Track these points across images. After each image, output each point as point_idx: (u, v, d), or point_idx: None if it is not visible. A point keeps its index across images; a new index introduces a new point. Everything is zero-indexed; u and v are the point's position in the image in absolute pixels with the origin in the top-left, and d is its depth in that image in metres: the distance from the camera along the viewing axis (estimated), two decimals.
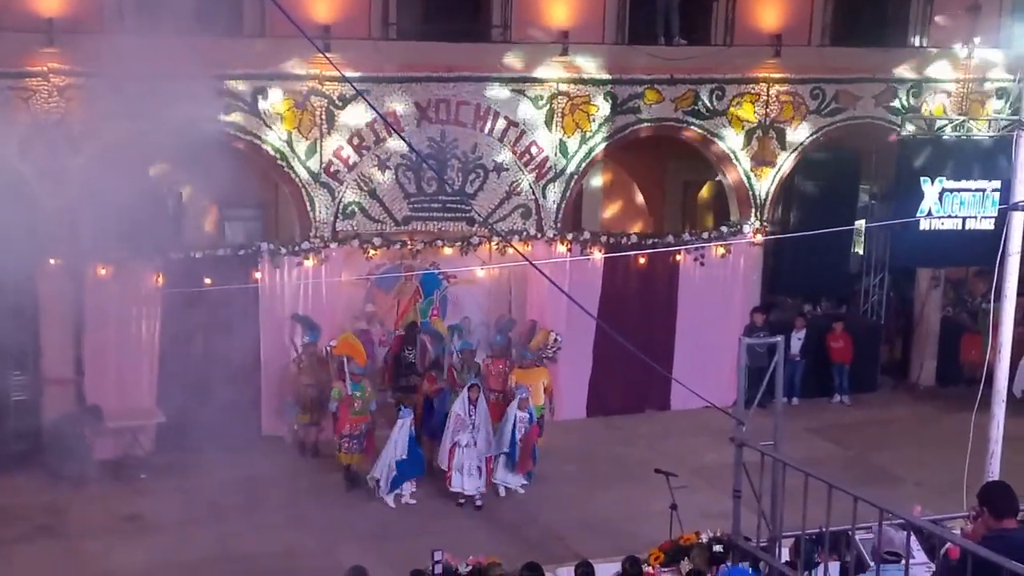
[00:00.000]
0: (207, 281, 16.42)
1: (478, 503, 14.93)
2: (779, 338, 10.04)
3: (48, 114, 15.61)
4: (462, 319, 18.07)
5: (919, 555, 9.57)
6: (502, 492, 15.36)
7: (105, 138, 15.75)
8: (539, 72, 17.86)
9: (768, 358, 10.14)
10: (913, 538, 8.71)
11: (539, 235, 18.25)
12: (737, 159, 19.36)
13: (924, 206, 19.27)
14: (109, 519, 14.35)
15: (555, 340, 17.64)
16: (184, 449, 16.13)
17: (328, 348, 16.48)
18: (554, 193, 18.40)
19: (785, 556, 9.89)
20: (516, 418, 15.11)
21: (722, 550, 10.82)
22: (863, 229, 21.62)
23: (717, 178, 20.86)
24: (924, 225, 19.04)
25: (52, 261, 15.82)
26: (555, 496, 15.35)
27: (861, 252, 22.23)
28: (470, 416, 14.89)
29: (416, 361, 17.06)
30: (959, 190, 18.23)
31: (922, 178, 18.76)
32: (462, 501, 14.96)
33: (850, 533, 8.89)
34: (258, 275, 16.93)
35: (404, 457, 14.68)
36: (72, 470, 15.35)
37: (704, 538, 11.32)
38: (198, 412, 16.18)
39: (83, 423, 15.74)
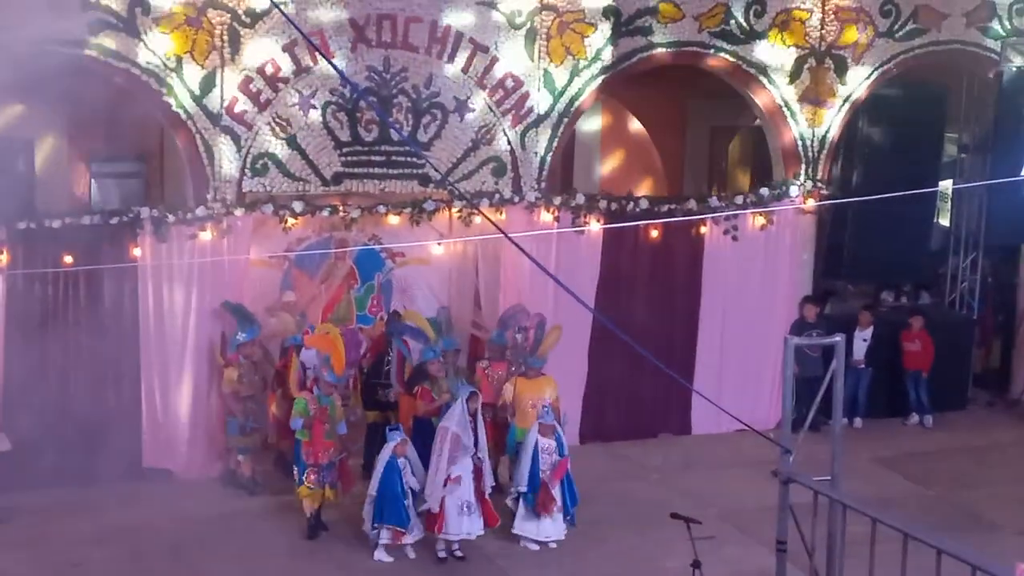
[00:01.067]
0: (68, 259, 16.31)
1: (459, 553, 14.92)
2: (838, 338, 10.04)
3: None
4: (438, 310, 17.96)
5: None
6: (532, 547, 15.38)
7: None
8: None
9: (824, 365, 10.16)
10: None
11: (516, 199, 18.26)
12: (782, 98, 19.39)
13: None
14: None
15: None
16: (37, 486, 16.06)
17: (288, 345, 16.56)
18: (537, 143, 18.40)
19: None
20: (538, 447, 15.17)
21: None
22: (950, 193, 21.71)
23: (755, 123, 20.88)
24: None
25: None
26: (541, 549, 15.34)
27: (947, 224, 22.31)
28: (472, 435, 14.80)
29: (393, 368, 17.02)
30: None
31: None
32: (443, 554, 14.88)
33: None
34: (137, 251, 16.85)
35: (375, 493, 14.71)
36: None
37: None
38: (57, 437, 16.22)
39: None
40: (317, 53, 16.76)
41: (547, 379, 16.49)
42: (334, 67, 16.56)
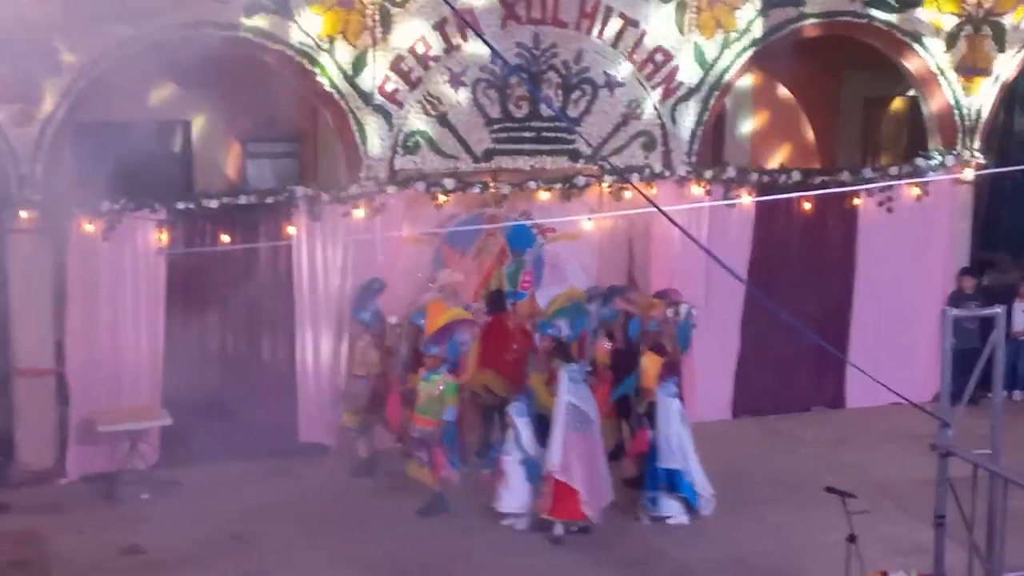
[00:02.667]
0: (225, 239, 16.61)
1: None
2: (998, 309, 9.84)
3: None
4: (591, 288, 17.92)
5: None
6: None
7: (90, 47, 15.93)
8: None
9: (981, 337, 9.98)
10: None
11: (667, 173, 18.19)
12: (939, 67, 19.05)
13: None
14: (101, 552, 14.56)
15: (688, 314, 17.53)
16: (197, 461, 16.41)
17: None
18: (687, 117, 18.30)
19: None
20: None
21: None
22: None
23: (910, 93, 20.55)
24: None
25: (23, 214, 16.09)
26: (690, 525, 15.29)
27: None
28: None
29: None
30: None
31: None
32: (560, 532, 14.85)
33: None
34: (292, 230, 17.05)
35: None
36: None
37: None
38: (215, 412, 16.53)
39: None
40: (468, 30, 16.81)
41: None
42: (486, 42, 16.57)
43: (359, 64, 17.07)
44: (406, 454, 15.76)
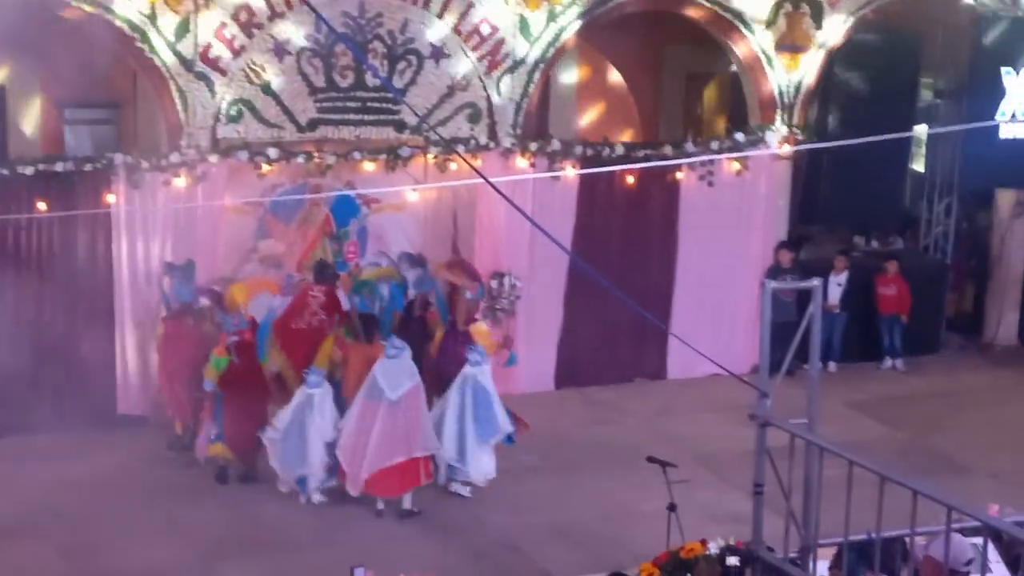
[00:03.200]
0: (41, 206, 16.26)
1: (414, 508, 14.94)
2: (815, 282, 10.00)
3: None
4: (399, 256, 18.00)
5: (998, 568, 9.64)
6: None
7: None
8: None
9: (798, 310, 10.15)
10: (990, 545, 8.76)
11: (492, 144, 18.21)
12: (758, 43, 19.34)
13: (1006, 107, 19.38)
14: None
15: (512, 286, 17.63)
16: (13, 433, 16.13)
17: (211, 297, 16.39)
18: (512, 89, 18.33)
19: (822, 571, 9.94)
20: None
21: (738, 563, 10.87)
22: (924, 138, 21.72)
23: (731, 69, 20.83)
24: (1006, 132, 19.14)
25: None
26: (513, 494, 15.38)
27: (922, 169, 22.34)
28: None
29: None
30: None
31: (1004, 69, 18.83)
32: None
33: (907, 540, 8.93)
34: (111, 198, 16.77)
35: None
36: None
37: (713, 548, 11.37)
38: (31, 384, 16.22)
39: None
40: None
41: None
42: (312, 8, 16.37)
43: (181, 30, 16.79)
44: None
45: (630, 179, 18.78)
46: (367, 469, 14.54)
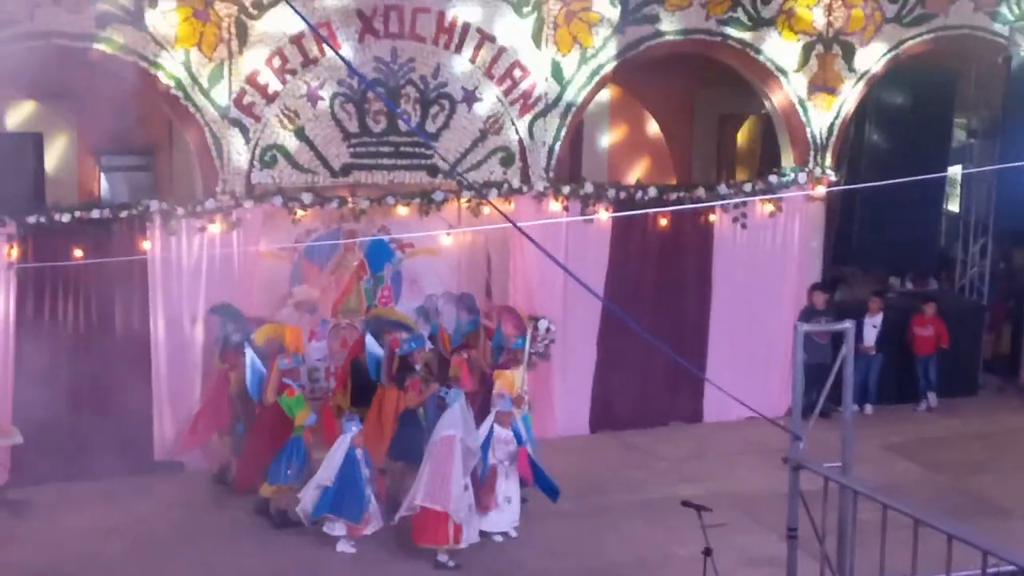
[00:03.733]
0: (78, 253, 16.34)
1: (452, 564, 14.58)
2: (848, 324, 10.02)
3: None
4: (427, 298, 18.06)
5: None
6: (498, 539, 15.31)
7: None
8: None
9: (833, 352, 10.14)
10: None
11: (525, 188, 18.24)
12: (790, 85, 19.36)
13: None
14: None
15: (547, 330, 17.62)
16: (49, 481, 16.16)
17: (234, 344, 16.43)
18: (545, 133, 18.38)
19: None
20: (494, 437, 15.05)
21: None
22: (959, 179, 21.67)
23: (763, 111, 20.85)
24: None
25: None
26: (548, 538, 15.35)
27: (957, 210, 22.28)
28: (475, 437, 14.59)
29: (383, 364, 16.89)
30: None
31: None
32: (454, 563, 14.53)
33: None
34: (147, 244, 16.84)
35: (330, 484, 14.61)
36: None
37: None
38: (68, 431, 16.30)
39: None
40: (325, 43, 16.74)
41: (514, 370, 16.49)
42: (341, 58, 16.54)
43: (215, 77, 16.91)
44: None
45: (663, 221, 18.78)
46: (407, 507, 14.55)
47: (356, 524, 14.64)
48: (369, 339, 16.51)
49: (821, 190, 19.47)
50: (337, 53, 16.42)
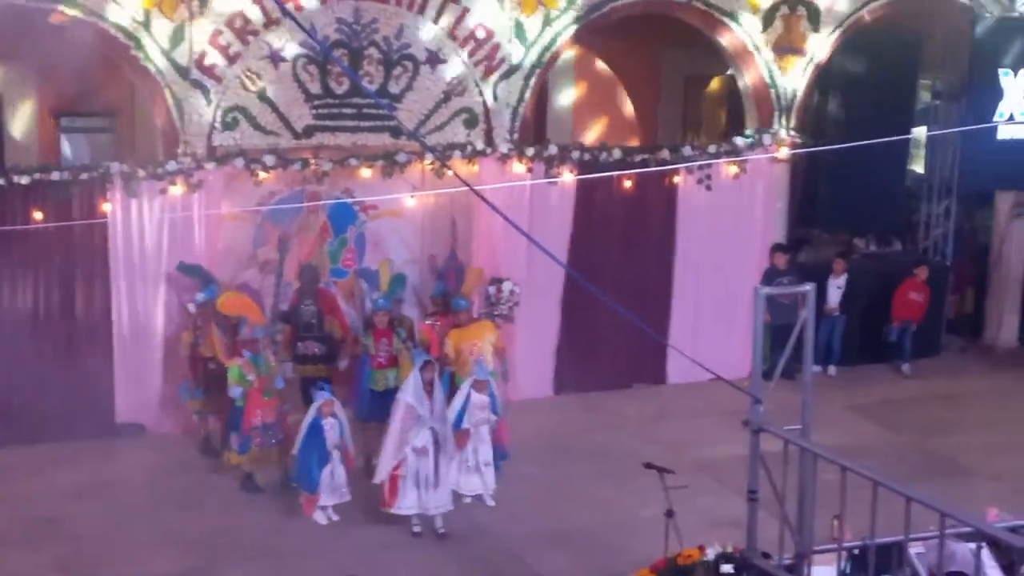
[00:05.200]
0: (38, 215, 16.26)
1: (441, 529, 14.62)
2: (809, 286, 10.03)
3: None
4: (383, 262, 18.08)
5: (993, 574, 9.65)
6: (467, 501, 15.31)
7: None
8: None
9: (798, 313, 10.14)
10: (986, 551, 8.79)
11: (489, 150, 18.20)
12: (755, 46, 19.35)
13: (1004, 108, 19.39)
14: None
15: (511, 292, 17.63)
16: (9, 444, 16.13)
17: (200, 302, 16.43)
18: (509, 94, 18.33)
19: None
20: (471, 402, 15.04)
21: (733, 570, 10.90)
22: (923, 139, 21.73)
23: (728, 73, 20.83)
24: (1004, 134, 19.15)
25: None
26: (511, 500, 15.38)
27: (921, 171, 22.34)
28: (427, 407, 14.46)
29: (317, 321, 16.89)
30: None
31: (1001, 71, 18.83)
32: (418, 528, 14.57)
33: (903, 546, 8.96)
34: (107, 207, 16.75)
35: (295, 453, 14.65)
36: None
37: (710, 554, 11.41)
38: (29, 394, 16.25)
39: None
40: (284, 8, 16.62)
41: (484, 324, 16.51)
42: (299, 25, 16.34)
43: (176, 38, 16.78)
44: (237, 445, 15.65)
45: (628, 183, 18.76)
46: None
47: (311, 495, 14.63)
48: None
49: (785, 152, 19.47)
50: (295, 19, 16.23)
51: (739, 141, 19.43)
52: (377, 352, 16.06)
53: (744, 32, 19.23)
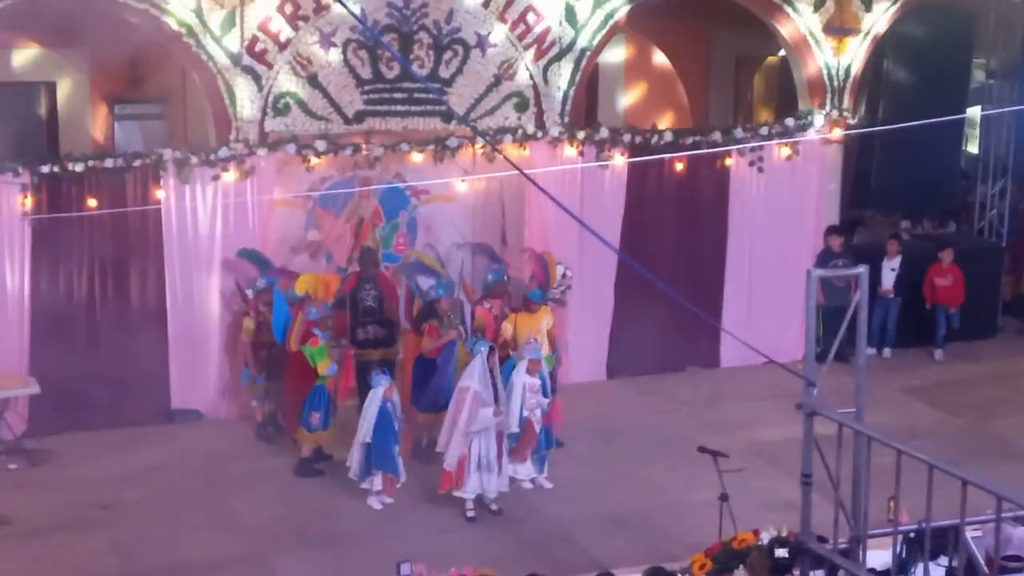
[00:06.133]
0: (92, 203, 16.37)
1: (494, 507, 14.70)
2: (862, 268, 9.96)
3: None
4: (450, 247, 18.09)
5: None
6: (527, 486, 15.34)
7: None
8: None
9: (849, 296, 10.08)
10: None
11: (540, 134, 18.19)
12: (808, 27, 19.24)
13: None
14: None
15: (563, 276, 17.61)
16: (67, 430, 16.32)
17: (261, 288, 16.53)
18: (560, 77, 18.31)
19: (873, 561, 9.91)
20: (525, 387, 15.01)
21: (788, 554, 10.85)
22: (978, 119, 21.58)
23: (780, 53, 20.73)
24: None
25: None
26: (566, 484, 15.40)
27: (976, 151, 22.19)
28: (492, 391, 14.44)
29: (377, 305, 16.92)
30: None
31: None
32: (472, 514, 14.61)
33: (959, 529, 8.89)
34: (161, 194, 16.84)
35: (369, 440, 14.62)
36: None
37: (765, 538, 11.34)
38: (85, 381, 16.36)
39: None
40: None
41: (544, 310, 16.45)
42: (349, 11, 16.39)
43: (226, 24, 16.85)
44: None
45: (679, 166, 18.72)
46: None
47: (395, 477, 14.71)
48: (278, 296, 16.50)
49: (838, 133, 19.37)
50: (344, 5, 16.29)
51: (791, 122, 19.33)
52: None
53: (796, 13, 19.12)
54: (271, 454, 16.17)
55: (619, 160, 18.40)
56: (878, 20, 19.44)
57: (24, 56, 19.48)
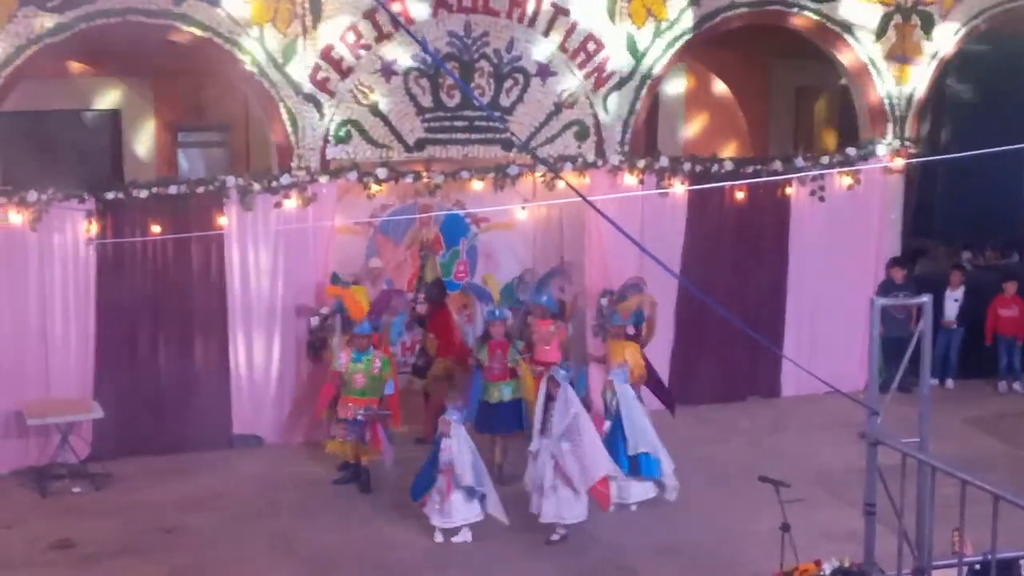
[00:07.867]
0: (156, 229, 16.49)
1: (554, 536, 14.54)
2: (926, 298, 9.91)
3: None
4: (524, 272, 18.04)
5: None
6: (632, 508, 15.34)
7: (16, 36, 15.77)
8: None
9: (912, 326, 10.04)
10: None
11: (600, 162, 18.20)
12: (869, 56, 19.18)
13: None
14: (31, 546, 14.46)
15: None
16: (129, 454, 16.40)
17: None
18: (619, 106, 18.32)
19: None
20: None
21: None
22: None
23: (841, 83, 20.66)
24: None
25: None
26: (622, 514, 15.32)
27: None
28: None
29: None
30: None
31: None
32: (556, 537, 14.51)
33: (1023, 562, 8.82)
34: (223, 220, 16.96)
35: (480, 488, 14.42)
36: None
37: (827, 569, 11.27)
38: (147, 405, 16.49)
39: None
40: (396, 20, 16.74)
41: (630, 345, 16.34)
42: (412, 36, 16.50)
43: (289, 53, 16.97)
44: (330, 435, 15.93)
45: (740, 195, 18.70)
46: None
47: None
48: None
49: (900, 162, 19.28)
50: (407, 31, 16.38)
51: (853, 152, 19.26)
52: (491, 363, 16.08)
53: (857, 42, 19.06)
54: (331, 481, 16.18)
55: (679, 188, 18.37)
56: (944, 44, 19.33)
57: (89, 84, 19.68)
